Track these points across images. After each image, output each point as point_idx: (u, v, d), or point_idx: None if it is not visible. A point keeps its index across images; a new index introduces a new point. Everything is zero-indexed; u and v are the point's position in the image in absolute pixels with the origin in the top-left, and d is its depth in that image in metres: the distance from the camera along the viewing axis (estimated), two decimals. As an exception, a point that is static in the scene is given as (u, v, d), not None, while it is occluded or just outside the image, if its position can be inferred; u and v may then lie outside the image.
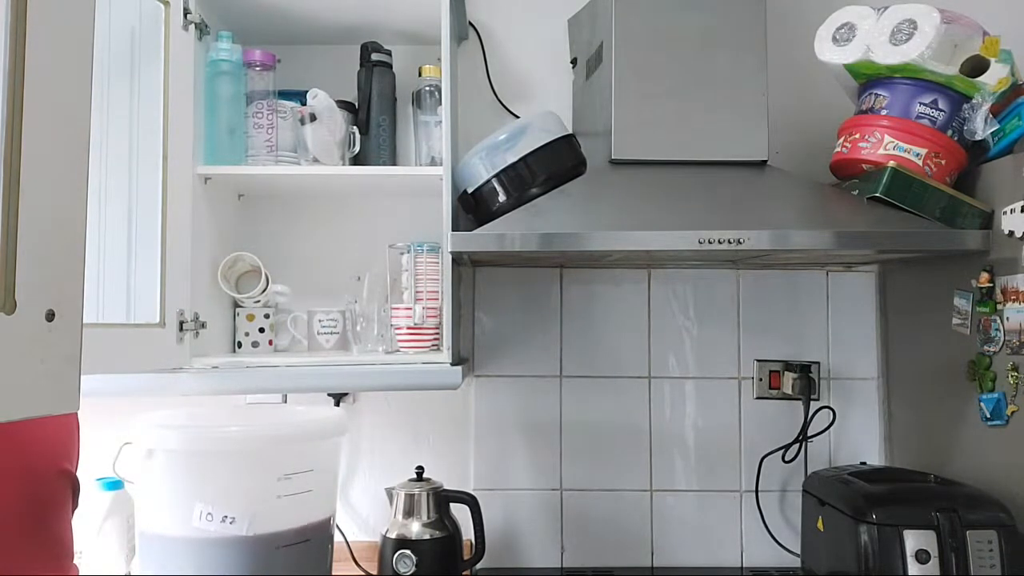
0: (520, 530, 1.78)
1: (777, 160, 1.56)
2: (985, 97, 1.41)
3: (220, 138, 1.52)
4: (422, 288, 1.54)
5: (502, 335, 1.81)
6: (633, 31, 1.48)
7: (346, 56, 1.68)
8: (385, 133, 1.65)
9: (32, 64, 0.39)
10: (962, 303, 1.48)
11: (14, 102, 0.39)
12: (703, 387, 1.81)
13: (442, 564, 1.53)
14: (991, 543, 1.31)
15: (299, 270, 1.74)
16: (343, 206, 1.78)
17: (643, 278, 1.82)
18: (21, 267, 0.39)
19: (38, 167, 0.40)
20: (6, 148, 0.38)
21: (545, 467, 1.79)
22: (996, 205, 1.40)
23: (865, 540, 1.36)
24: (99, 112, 1.29)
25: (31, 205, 0.39)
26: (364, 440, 1.79)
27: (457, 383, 1.44)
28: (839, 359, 1.81)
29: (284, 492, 1.32)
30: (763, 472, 1.77)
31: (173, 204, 1.40)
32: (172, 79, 1.40)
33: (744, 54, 1.48)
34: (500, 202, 1.47)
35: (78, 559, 1.08)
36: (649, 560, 1.78)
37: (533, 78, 1.83)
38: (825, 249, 1.40)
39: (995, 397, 1.38)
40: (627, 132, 1.47)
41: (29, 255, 0.39)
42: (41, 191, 0.40)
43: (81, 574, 1.08)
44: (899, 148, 1.45)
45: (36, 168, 0.40)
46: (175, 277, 1.39)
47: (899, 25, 1.42)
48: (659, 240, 1.35)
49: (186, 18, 1.45)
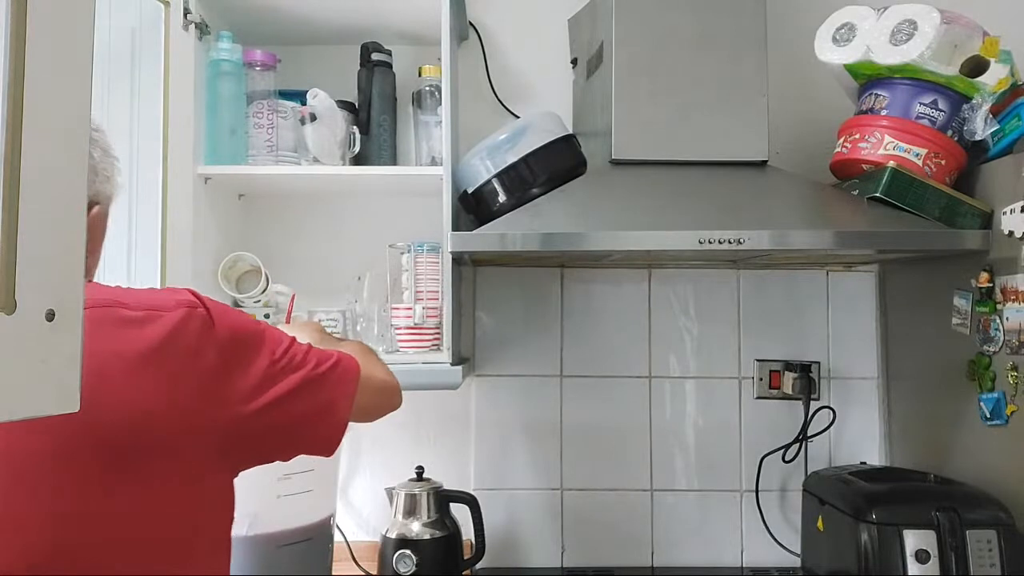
0: (520, 530, 1.78)
1: (777, 160, 1.56)
2: (985, 97, 1.41)
3: (221, 138, 1.52)
4: (422, 288, 1.54)
5: (502, 335, 1.81)
6: (633, 31, 1.48)
7: (346, 56, 1.69)
8: (385, 133, 1.65)
9: (32, 64, 0.39)
10: (962, 303, 1.48)
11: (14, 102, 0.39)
12: (703, 387, 1.81)
13: (442, 564, 1.53)
14: (991, 543, 1.31)
15: (299, 270, 1.73)
16: (343, 206, 1.78)
17: (643, 278, 1.82)
18: (21, 267, 0.39)
19: (38, 167, 0.40)
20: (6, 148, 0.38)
21: (545, 467, 1.79)
22: (996, 205, 1.40)
23: (865, 540, 1.36)
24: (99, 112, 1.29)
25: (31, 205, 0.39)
26: (364, 440, 1.79)
27: (457, 383, 1.44)
28: (839, 359, 1.81)
29: (284, 492, 1.32)
30: (763, 472, 1.77)
31: (173, 204, 1.40)
32: (172, 79, 1.40)
33: (744, 54, 1.48)
34: (500, 202, 1.47)
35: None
36: (649, 560, 1.78)
37: (533, 78, 1.83)
38: (825, 249, 1.40)
39: (995, 397, 1.38)
40: (627, 132, 1.47)
41: (29, 255, 0.39)
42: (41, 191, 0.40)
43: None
44: (899, 148, 1.45)
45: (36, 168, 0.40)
46: (175, 277, 1.39)
47: (899, 25, 1.42)
48: (659, 240, 1.35)
49: (186, 18, 1.45)
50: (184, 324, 0.81)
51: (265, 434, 0.88)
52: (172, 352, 0.80)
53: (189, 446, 0.82)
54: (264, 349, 0.88)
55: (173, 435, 0.80)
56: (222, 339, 0.84)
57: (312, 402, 0.91)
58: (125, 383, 0.77)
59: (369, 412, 1.05)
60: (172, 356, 0.80)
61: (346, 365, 0.96)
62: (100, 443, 0.76)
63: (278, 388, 0.87)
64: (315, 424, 0.92)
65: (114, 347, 0.77)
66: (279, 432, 0.89)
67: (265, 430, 0.87)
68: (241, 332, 0.87)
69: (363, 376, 0.98)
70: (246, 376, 0.85)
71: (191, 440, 0.82)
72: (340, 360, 0.95)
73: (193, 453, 0.82)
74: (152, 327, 0.79)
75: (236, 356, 0.85)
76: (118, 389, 0.77)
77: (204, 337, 0.82)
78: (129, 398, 0.77)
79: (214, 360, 0.83)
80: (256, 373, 0.86)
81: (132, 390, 0.77)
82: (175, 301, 0.82)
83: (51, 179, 0.41)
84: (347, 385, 0.95)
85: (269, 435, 0.89)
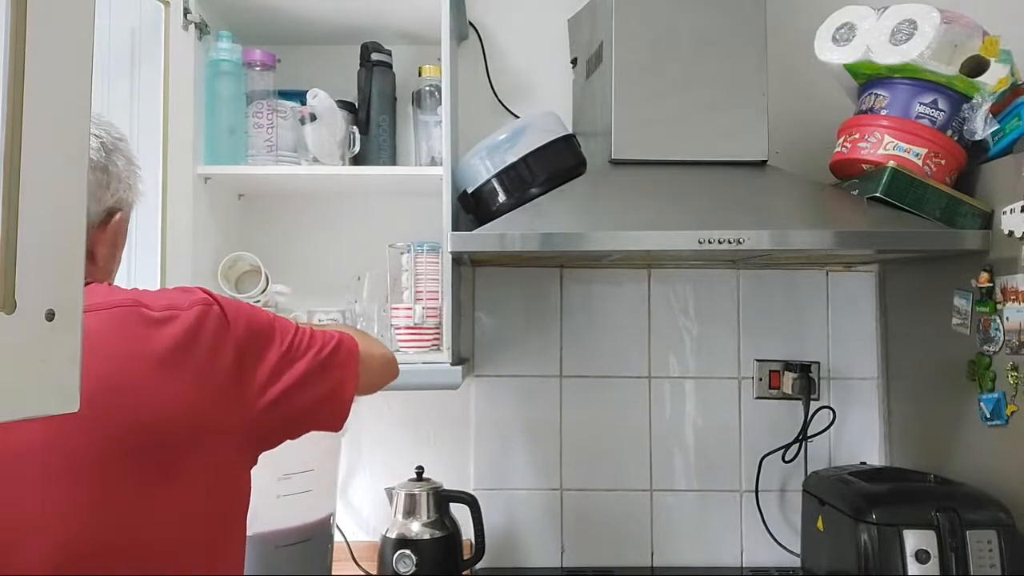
0: (520, 530, 1.78)
1: (777, 160, 1.56)
2: (985, 97, 1.41)
3: (220, 138, 1.51)
4: (422, 288, 1.54)
5: (502, 335, 1.81)
6: (633, 31, 1.48)
7: (346, 56, 1.68)
8: (385, 133, 1.65)
9: (32, 64, 0.39)
10: (962, 303, 1.48)
11: (14, 102, 0.39)
12: (703, 387, 1.81)
13: (442, 564, 1.53)
14: (991, 543, 1.31)
15: (299, 270, 1.73)
16: (343, 206, 1.78)
17: (643, 278, 1.82)
18: (21, 267, 0.39)
19: (38, 167, 0.40)
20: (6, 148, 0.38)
21: (545, 467, 1.79)
22: (996, 205, 1.40)
23: (865, 540, 1.36)
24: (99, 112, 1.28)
25: (31, 205, 0.39)
26: (364, 440, 1.79)
27: (457, 383, 1.44)
28: (839, 359, 1.81)
29: (284, 492, 1.32)
30: (763, 472, 1.77)
31: (173, 204, 1.40)
32: (172, 79, 1.40)
33: (744, 54, 1.48)
34: (500, 202, 1.47)
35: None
36: (649, 560, 1.78)
37: (533, 78, 1.83)
38: (825, 249, 1.40)
39: (995, 397, 1.38)
40: (627, 132, 1.47)
41: (29, 255, 0.39)
42: (41, 191, 0.40)
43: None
44: (899, 148, 1.45)
45: (36, 168, 0.40)
46: (175, 277, 1.39)
47: (899, 25, 1.42)
48: (659, 240, 1.35)
49: (186, 18, 1.45)
50: (201, 323, 0.82)
51: (281, 422, 0.90)
52: (194, 351, 0.81)
53: (216, 444, 0.83)
54: (275, 341, 0.90)
55: (200, 434, 0.81)
56: (238, 336, 0.85)
57: (321, 385, 0.93)
58: (152, 383, 0.78)
59: (372, 385, 1.08)
60: (194, 355, 0.81)
61: (348, 345, 0.99)
62: (130, 444, 0.76)
63: (288, 377, 0.89)
64: (325, 405, 0.96)
65: (139, 347, 0.78)
66: (293, 418, 0.92)
67: (280, 418, 0.89)
68: (255, 327, 0.89)
69: (363, 353, 1.01)
70: (260, 370, 0.87)
71: (217, 439, 0.83)
72: (342, 340, 0.98)
73: (221, 450, 0.84)
74: (172, 326, 0.80)
75: (251, 352, 0.87)
76: (146, 389, 0.78)
77: (221, 335, 0.84)
78: (157, 399, 0.78)
79: (232, 357, 0.84)
80: (268, 366, 0.88)
81: (159, 391, 0.78)
82: (190, 300, 0.84)
83: (51, 179, 0.41)
84: (350, 364, 0.98)
85: (284, 422, 0.91)
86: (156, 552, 0.78)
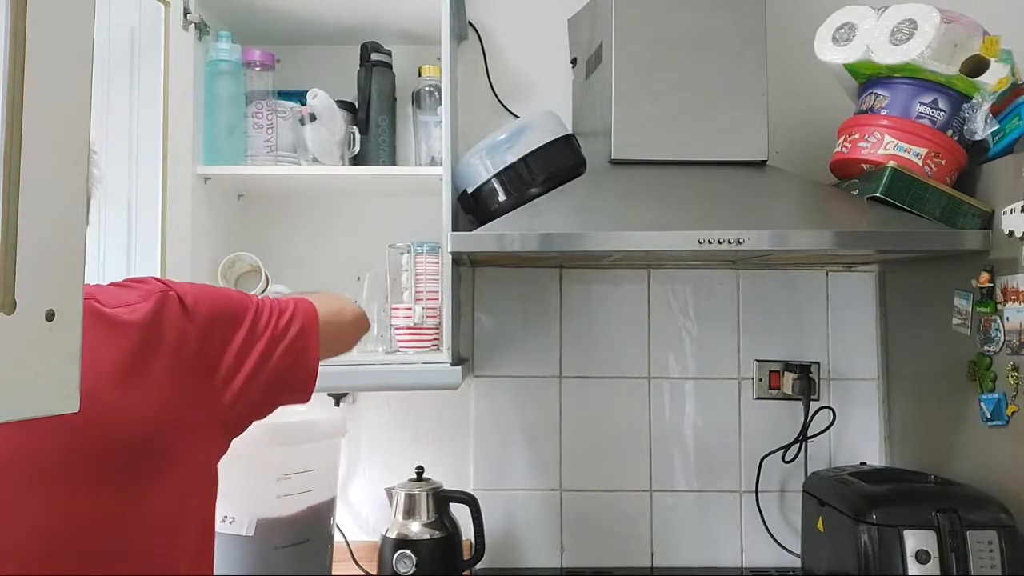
0: (520, 530, 1.78)
1: (777, 160, 1.56)
2: (985, 97, 1.41)
3: (220, 138, 1.51)
4: (422, 288, 1.54)
5: (502, 335, 1.81)
6: (633, 31, 1.48)
7: (346, 56, 1.68)
8: (385, 133, 1.65)
9: (32, 64, 0.39)
10: (962, 303, 1.48)
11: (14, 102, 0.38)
12: (703, 387, 1.81)
13: (442, 564, 1.53)
14: (991, 543, 1.31)
15: (299, 270, 1.73)
16: (343, 206, 1.78)
17: (643, 278, 1.82)
18: (21, 267, 0.39)
19: (38, 167, 0.40)
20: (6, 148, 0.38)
21: (545, 467, 1.79)
22: (996, 205, 1.40)
23: (865, 540, 1.36)
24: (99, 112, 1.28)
25: (31, 205, 0.39)
26: (364, 440, 1.79)
27: (457, 383, 1.44)
28: (839, 359, 1.81)
29: (284, 492, 1.32)
30: (763, 472, 1.77)
31: (173, 204, 1.39)
32: (172, 79, 1.40)
33: (744, 54, 1.48)
34: (500, 202, 1.47)
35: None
36: (649, 560, 1.78)
37: (533, 78, 1.83)
38: (825, 249, 1.40)
39: (995, 397, 1.38)
40: (627, 132, 1.47)
41: (29, 255, 0.39)
42: (41, 191, 0.40)
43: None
44: (899, 148, 1.45)
45: (36, 168, 0.40)
46: (175, 277, 1.38)
47: (899, 25, 1.42)
48: (659, 240, 1.35)
49: (186, 18, 1.45)
50: (159, 315, 0.81)
51: (248, 408, 0.90)
52: (156, 348, 0.80)
53: (189, 444, 0.83)
54: (237, 322, 0.90)
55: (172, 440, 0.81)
56: (201, 325, 0.85)
57: (285, 358, 0.93)
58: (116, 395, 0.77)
59: (340, 346, 1.08)
60: (156, 353, 0.80)
61: (305, 314, 0.98)
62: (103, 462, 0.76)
63: (253, 355, 0.89)
64: (289, 382, 0.95)
65: (99, 352, 0.76)
66: (260, 401, 0.92)
67: (248, 404, 0.89)
68: (215, 311, 0.88)
69: (323, 319, 1.00)
70: (225, 358, 0.87)
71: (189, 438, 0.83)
72: (297, 310, 0.97)
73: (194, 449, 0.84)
74: (129, 327, 0.79)
75: (215, 338, 0.86)
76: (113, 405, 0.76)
77: (181, 326, 0.83)
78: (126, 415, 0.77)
79: (195, 348, 0.83)
80: (233, 351, 0.88)
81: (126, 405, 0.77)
82: (145, 291, 0.82)
83: (51, 179, 0.41)
84: (311, 334, 0.97)
85: (252, 407, 0.91)
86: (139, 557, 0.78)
